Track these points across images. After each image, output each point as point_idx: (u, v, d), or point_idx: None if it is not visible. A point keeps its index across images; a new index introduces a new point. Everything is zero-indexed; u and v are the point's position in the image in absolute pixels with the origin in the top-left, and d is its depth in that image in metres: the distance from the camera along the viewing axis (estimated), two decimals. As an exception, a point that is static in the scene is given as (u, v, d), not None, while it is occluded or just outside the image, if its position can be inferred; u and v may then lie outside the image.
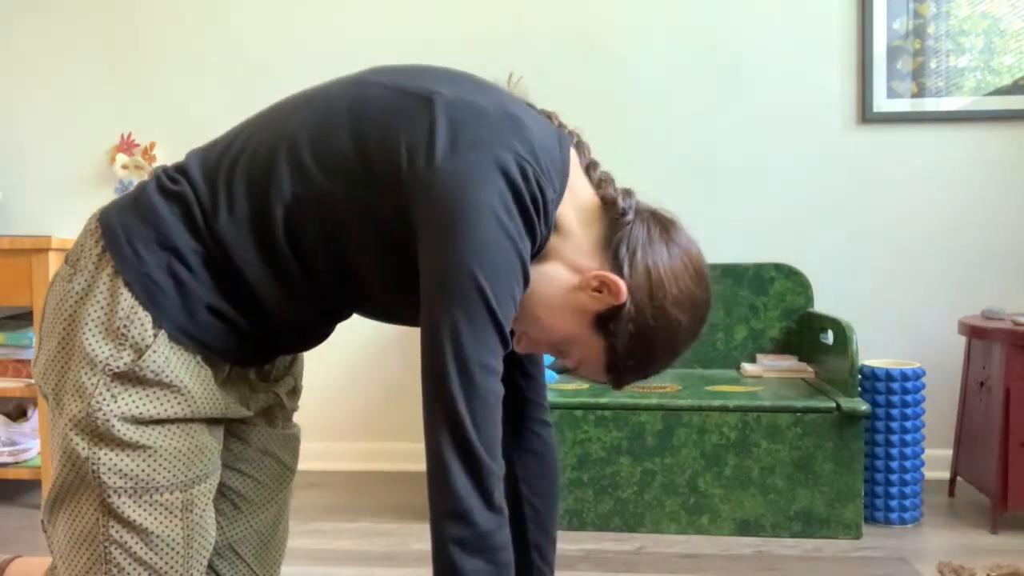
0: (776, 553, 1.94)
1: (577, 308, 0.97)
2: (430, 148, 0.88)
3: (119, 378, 0.91)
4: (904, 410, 2.09)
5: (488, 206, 0.85)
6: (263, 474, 1.15)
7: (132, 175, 2.76)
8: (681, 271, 0.98)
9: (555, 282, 0.97)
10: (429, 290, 0.87)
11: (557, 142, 0.99)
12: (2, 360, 2.39)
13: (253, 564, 1.14)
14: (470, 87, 0.97)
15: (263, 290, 0.96)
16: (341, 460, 2.74)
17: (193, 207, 0.94)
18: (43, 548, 2.01)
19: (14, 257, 2.24)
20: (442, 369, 0.84)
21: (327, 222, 0.93)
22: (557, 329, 0.99)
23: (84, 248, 0.96)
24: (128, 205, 0.97)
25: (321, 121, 0.94)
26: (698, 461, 2.04)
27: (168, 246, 0.93)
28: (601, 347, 0.98)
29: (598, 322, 0.97)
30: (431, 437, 0.85)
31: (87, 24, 2.80)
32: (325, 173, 0.92)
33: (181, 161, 1.00)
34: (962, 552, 1.93)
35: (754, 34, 2.61)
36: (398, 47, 2.69)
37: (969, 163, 2.56)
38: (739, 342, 2.53)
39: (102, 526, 0.91)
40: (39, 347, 0.99)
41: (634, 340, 0.96)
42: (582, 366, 1.02)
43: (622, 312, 0.95)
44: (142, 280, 0.92)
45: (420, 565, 1.89)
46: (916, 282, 2.58)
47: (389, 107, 0.92)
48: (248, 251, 0.94)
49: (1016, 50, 2.51)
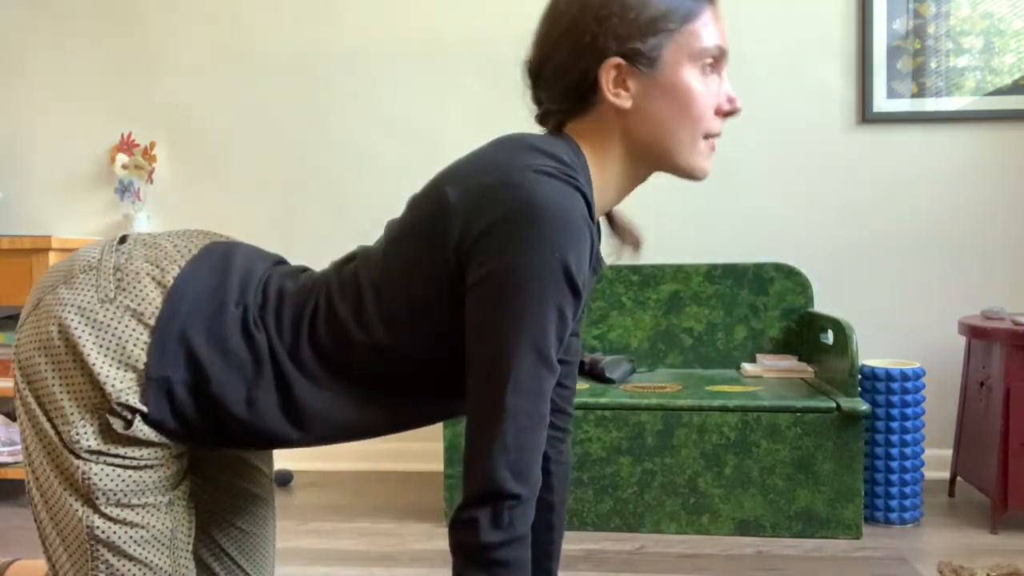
0: (776, 553, 1.94)
1: (649, 88, 0.96)
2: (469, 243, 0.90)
3: (105, 426, 0.91)
4: (904, 410, 2.09)
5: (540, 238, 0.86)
6: (240, 478, 1.15)
7: (132, 175, 2.76)
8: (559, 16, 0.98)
9: (639, 114, 0.97)
10: (478, 325, 0.87)
11: (565, 145, 0.99)
12: (2, 360, 2.39)
13: (244, 565, 1.15)
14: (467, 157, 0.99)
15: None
16: (341, 460, 2.74)
17: (264, 361, 0.95)
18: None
19: (14, 257, 2.25)
20: (501, 389, 0.85)
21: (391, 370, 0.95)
22: (690, 91, 0.97)
23: (143, 295, 0.94)
24: (203, 317, 0.94)
25: (378, 285, 0.95)
26: (698, 461, 2.04)
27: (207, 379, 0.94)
28: (668, 53, 0.96)
29: (645, 66, 0.95)
30: (471, 446, 0.86)
31: (87, 24, 2.80)
32: (389, 331, 0.94)
33: (272, 295, 0.98)
34: (962, 552, 1.93)
35: (754, 34, 2.61)
36: (399, 48, 2.69)
37: (969, 163, 2.56)
38: (739, 342, 2.53)
39: (86, 525, 0.92)
40: (29, 313, 0.96)
41: (630, 25, 0.95)
42: (702, 53, 0.98)
43: (618, 55, 0.95)
44: (160, 384, 0.92)
45: (420, 565, 1.89)
46: (916, 282, 2.58)
47: (419, 232, 0.94)
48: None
49: (1016, 50, 2.51)
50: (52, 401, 0.91)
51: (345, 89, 2.69)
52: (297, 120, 2.74)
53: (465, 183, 0.90)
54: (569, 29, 0.96)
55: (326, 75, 2.72)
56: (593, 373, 2.31)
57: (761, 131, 2.61)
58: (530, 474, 0.85)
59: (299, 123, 2.73)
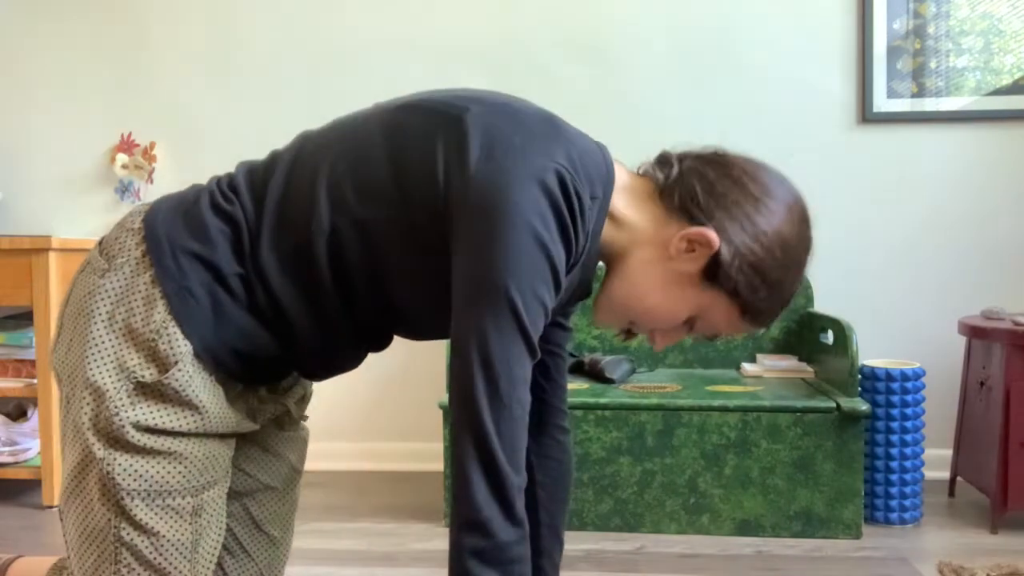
0: (776, 553, 1.94)
1: (682, 278, 0.95)
2: (464, 160, 0.87)
3: (141, 388, 0.91)
4: (904, 410, 2.09)
5: (522, 213, 0.84)
6: (271, 476, 1.15)
7: (132, 175, 2.76)
8: (754, 189, 0.94)
9: (648, 267, 0.96)
10: (459, 299, 0.86)
11: (598, 147, 0.99)
12: (2, 360, 2.39)
13: (262, 566, 1.15)
14: (508, 99, 0.96)
15: (298, 322, 0.96)
16: (341, 460, 2.74)
17: (243, 232, 0.94)
18: (44, 547, 2.01)
19: (14, 257, 2.24)
20: (469, 378, 0.84)
21: (369, 250, 0.93)
22: (677, 307, 0.97)
23: (124, 246, 0.96)
24: (178, 213, 0.97)
25: (358, 151, 0.94)
26: (698, 461, 2.04)
27: (212, 265, 0.93)
28: (725, 299, 0.95)
29: (707, 278, 0.94)
30: (456, 445, 0.85)
31: (87, 24, 2.80)
32: (365, 202, 0.92)
33: (233, 175, 1.00)
34: (962, 552, 1.93)
35: (754, 34, 2.61)
36: (398, 48, 2.69)
37: (969, 163, 2.56)
38: (739, 342, 2.53)
39: (113, 527, 0.92)
40: (60, 332, 0.98)
41: (749, 274, 0.93)
42: (721, 327, 0.99)
43: (721, 256, 0.92)
44: (181, 294, 0.92)
45: (420, 565, 1.89)
46: (916, 282, 2.58)
47: (423, 130, 0.92)
48: (287, 283, 0.94)
49: (1016, 50, 2.51)
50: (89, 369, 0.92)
51: (346, 89, 2.69)
52: (298, 120, 2.73)
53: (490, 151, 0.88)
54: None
55: (327, 75, 2.72)
56: (593, 373, 2.31)
57: (761, 131, 2.61)
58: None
59: (300, 123, 2.72)
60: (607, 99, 2.64)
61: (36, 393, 2.32)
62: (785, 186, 0.97)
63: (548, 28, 2.66)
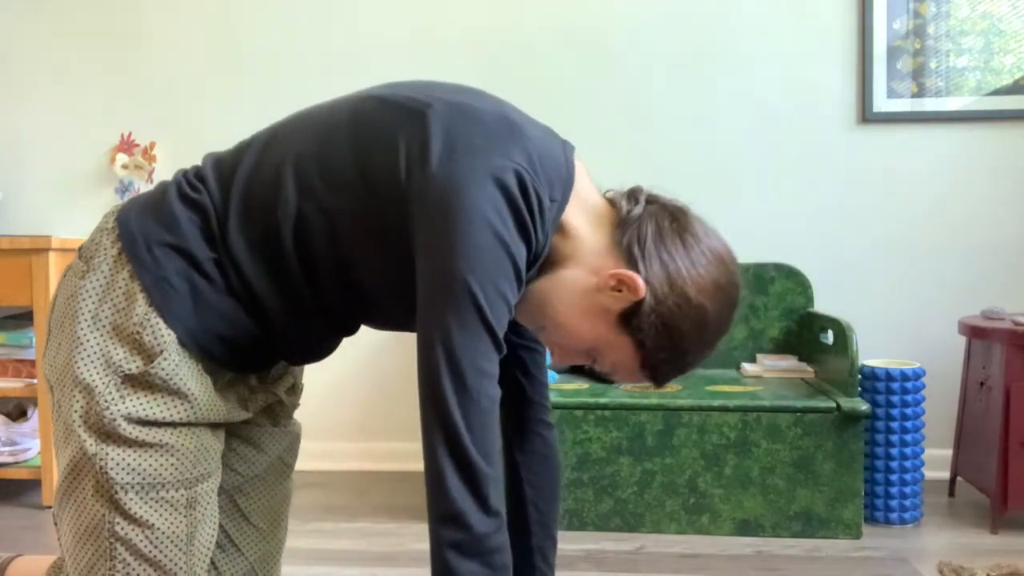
0: (776, 553, 1.94)
1: (600, 310, 0.96)
2: (425, 157, 0.89)
3: (129, 380, 0.92)
4: (904, 410, 2.09)
5: (480, 211, 0.85)
6: (255, 469, 1.15)
7: (132, 175, 2.76)
8: (699, 257, 0.97)
9: (574, 287, 0.97)
10: (423, 295, 0.88)
11: (561, 149, 1.00)
12: (2, 360, 2.39)
13: (253, 560, 1.15)
14: (470, 98, 0.97)
15: (270, 304, 0.97)
16: (341, 460, 2.74)
17: (211, 218, 0.96)
18: (44, 547, 2.01)
19: (14, 257, 2.24)
20: (435, 373, 0.85)
21: (334, 238, 0.94)
22: (585, 334, 0.98)
23: (100, 246, 0.97)
24: (148, 208, 0.98)
25: (324, 139, 0.96)
26: (698, 461, 2.04)
27: (186, 253, 0.95)
28: (631, 345, 0.97)
29: (623, 321, 0.96)
30: (427, 441, 0.86)
31: (88, 24, 2.80)
32: (330, 190, 0.93)
33: (199, 167, 1.02)
34: (962, 552, 1.93)
35: (754, 34, 2.61)
36: (398, 47, 2.69)
37: (969, 163, 2.56)
38: (739, 342, 2.53)
39: (108, 522, 0.92)
40: (48, 337, 1.00)
41: (661, 332, 0.95)
42: (617, 369, 1.01)
43: (643, 306, 0.94)
44: (160, 285, 0.93)
45: (420, 565, 1.89)
46: (916, 282, 2.58)
47: (386, 122, 0.93)
48: (257, 266, 0.96)
49: (1016, 50, 2.51)
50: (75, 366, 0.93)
51: (346, 89, 2.68)
52: (297, 120, 2.73)
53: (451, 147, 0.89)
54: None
55: (327, 75, 2.72)
56: (593, 373, 2.31)
57: (761, 131, 2.61)
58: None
59: (299, 123, 2.73)
60: (607, 97, 2.64)
61: (36, 393, 2.32)
62: (730, 268, 1.00)
63: (548, 28, 2.65)
